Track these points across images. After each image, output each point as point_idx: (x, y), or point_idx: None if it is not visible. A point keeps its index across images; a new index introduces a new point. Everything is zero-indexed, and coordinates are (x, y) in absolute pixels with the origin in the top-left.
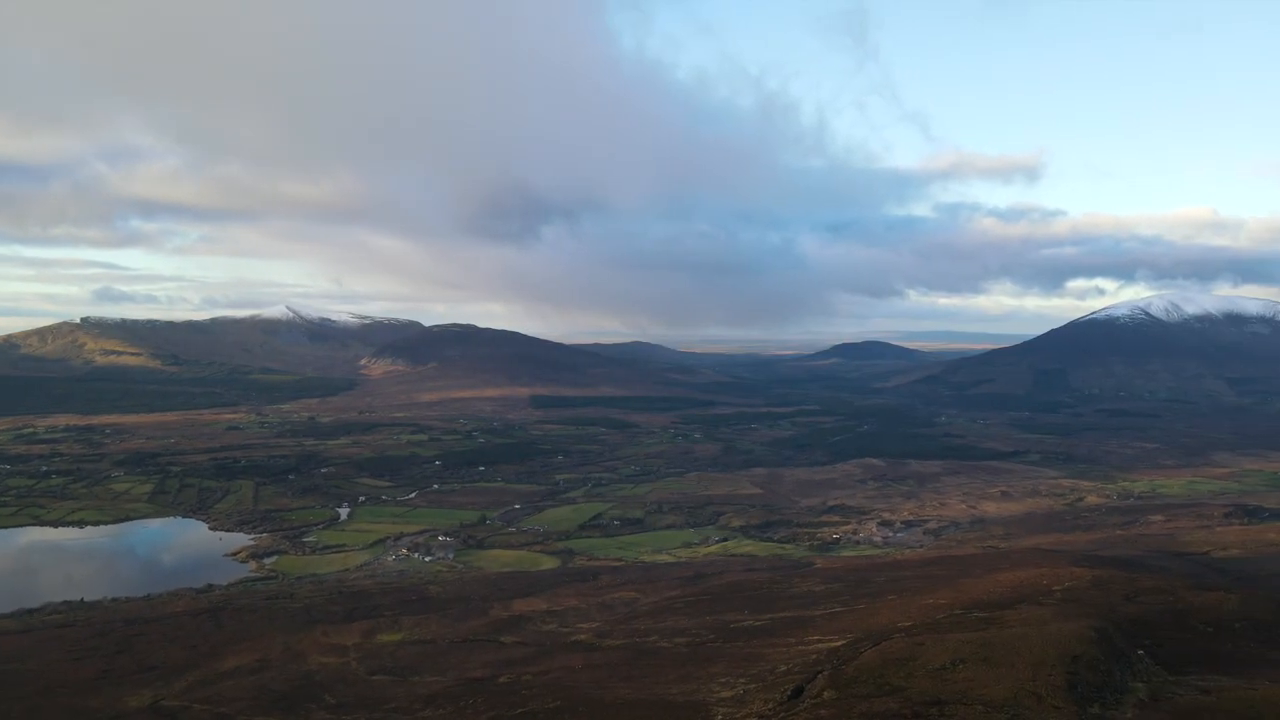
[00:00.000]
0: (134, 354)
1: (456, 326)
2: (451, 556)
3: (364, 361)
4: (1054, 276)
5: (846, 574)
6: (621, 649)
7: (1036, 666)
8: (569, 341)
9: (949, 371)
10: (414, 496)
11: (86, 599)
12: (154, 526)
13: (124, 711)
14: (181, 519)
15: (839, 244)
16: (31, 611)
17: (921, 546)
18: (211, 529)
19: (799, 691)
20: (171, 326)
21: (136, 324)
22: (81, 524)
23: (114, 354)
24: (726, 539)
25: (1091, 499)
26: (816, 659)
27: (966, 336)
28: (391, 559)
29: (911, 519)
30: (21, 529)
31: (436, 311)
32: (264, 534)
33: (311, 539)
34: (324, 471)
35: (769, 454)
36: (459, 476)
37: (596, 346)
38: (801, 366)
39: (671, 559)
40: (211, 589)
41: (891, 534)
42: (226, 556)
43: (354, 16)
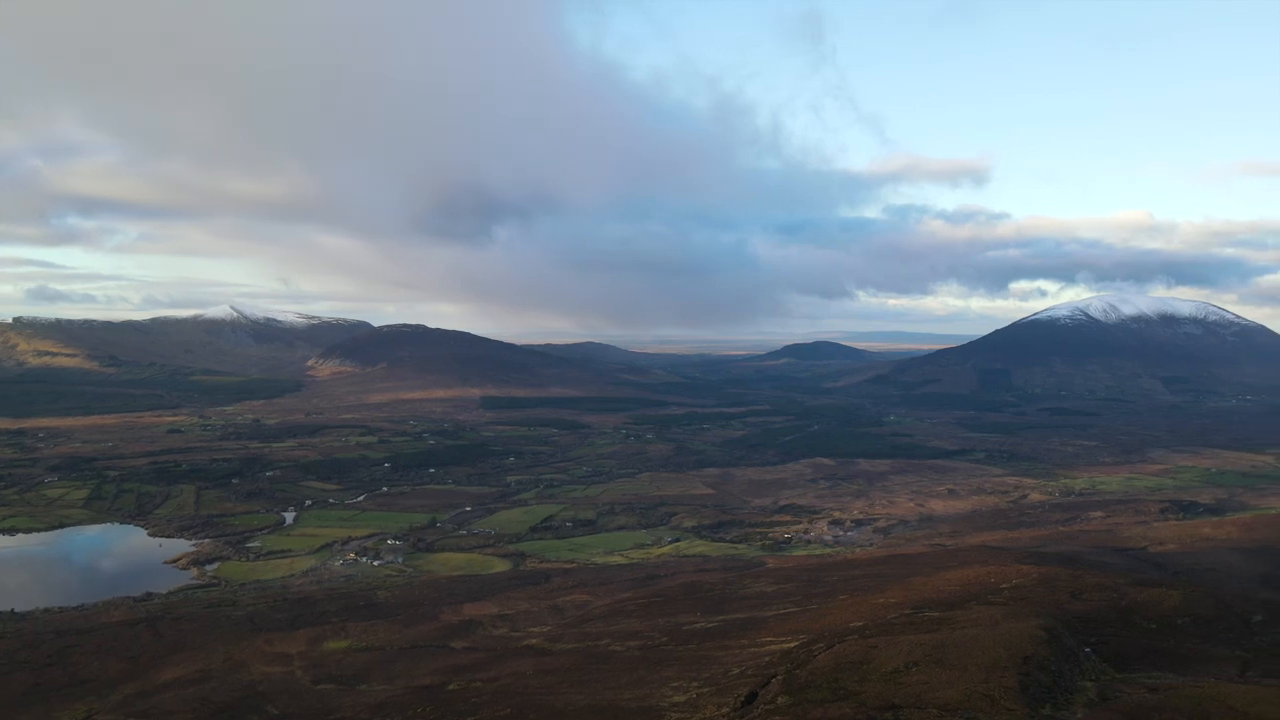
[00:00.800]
0: (69, 355)
1: (406, 327)
2: (401, 560)
3: (311, 362)
4: (998, 278)
5: (798, 574)
6: (573, 653)
7: (989, 668)
8: (521, 342)
9: (897, 371)
10: (362, 500)
11: (17, 610)
12: (90, 533)
13: None
14: (119, 525)
15: (791, 245)
16: None
17: (871, 545)
18: (151, 535)
19: (753, 697)
20: (109, 327)
21: (72, 324)
22: (12, 532)
23: (48, 355)
24: (679, 539)
25: (1034, 496)
26: (769, 661)
27: (914, 337)
28: (339, 564)
29: (861, 518)
30: None
31: (386, 312)
32: (206, 540)
33: (256, 544)
34: (269, 475)
35: (721, 454)
36: (409, 479)
37: (549, 347)
38: (753, 367)
39: (624, 560)
40: (150, 597)
41: (842, 533)
42: (166, 564)
43: (305, 10)
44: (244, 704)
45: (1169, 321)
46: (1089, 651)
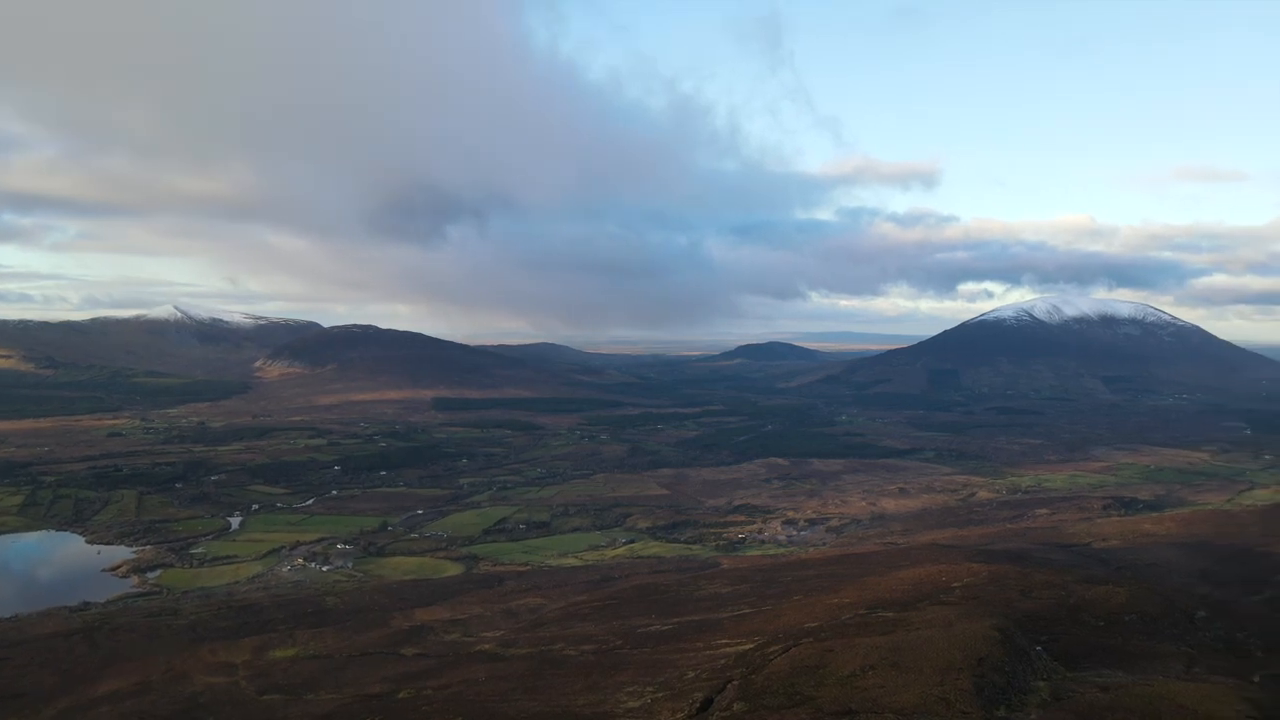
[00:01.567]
0: (4, 356)
1: (357, 327)
2: (350, 565)
3: (259, 364)
4: (947, 279)
5: (753, 574)
6: (526, 658)
7: (944, 670)
8: (475, 342)
9: (849, 371)
10: (311, 503)
11: None
12: (24, 541)
13: None
14: (55, 533)
15: (745, 246)
16: None
17: (825, 544)
18: (89, 542)
19: (708, 704)
20: (46, 327)
21: (7, 324)
22: None
23: None
24: (633, 541)
25: (983, 494)
26: (725, 664)
27: (865, 337)
28: (286, 569)
29: (815, 517)
30: None
31: (337, 312)
32: (147, 546)
33: (200, 550)
34: (214, 479)
35: (675, 454)
36: (359, 482)
37: (502, 348)
38: (707, 367)
39: (578, 562)
40: (87, 607)
41: (796, 532)
42: (105, 572)
43: (255, 3)
44: (185, 716)
45: (1109, 322)
46: (1040, 650)
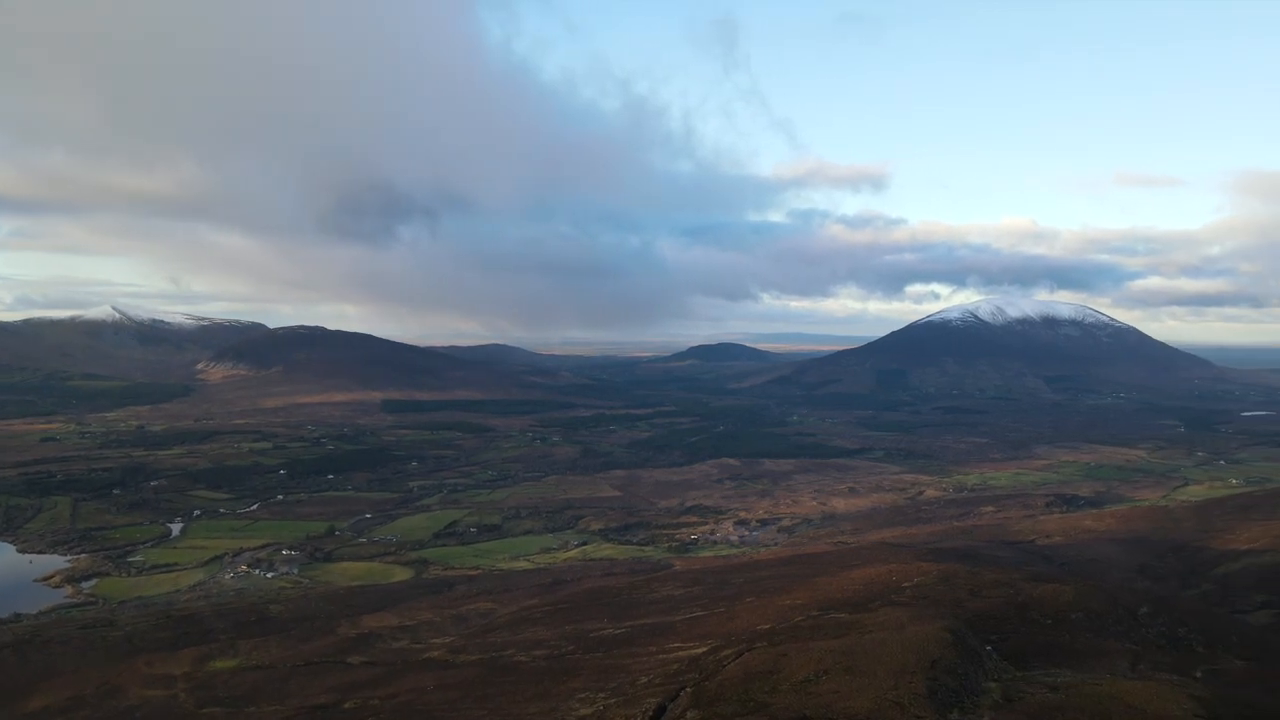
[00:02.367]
0: None
1: (304, 329)
2: (296, 571)
3: (201, 365)
4: (895, 281)
5: (705, 576)
6: (476, 665)
7: (898, 674)
8: (425, 344)
9: (799, 372)
10: (256, 509)
11: None
12: None
13: None
14: None
15: (698, 247)
16: None
17: (776, 544)
18: (20, 551)
19: (661, 711)
20: None
21: None
22: None
23: None
24: (586, 543)
25: (930, 493)
26: (678, 669)
27: (815, 338)
28: (229, 577)
29: (766, 517)
30: None
31: (283, 313)
32: (83, 555)
33: (138, 559)
34: (154, 484)
35: (628, 456)
36: (306, 486)
37: (453, 349)
38: (659, 368)
39: (530, 565)
40: (18, 619)
41: (748, 533)
42: (38, 582)
43: None
44: None
45: (1051, 323)
46: (991, 650)
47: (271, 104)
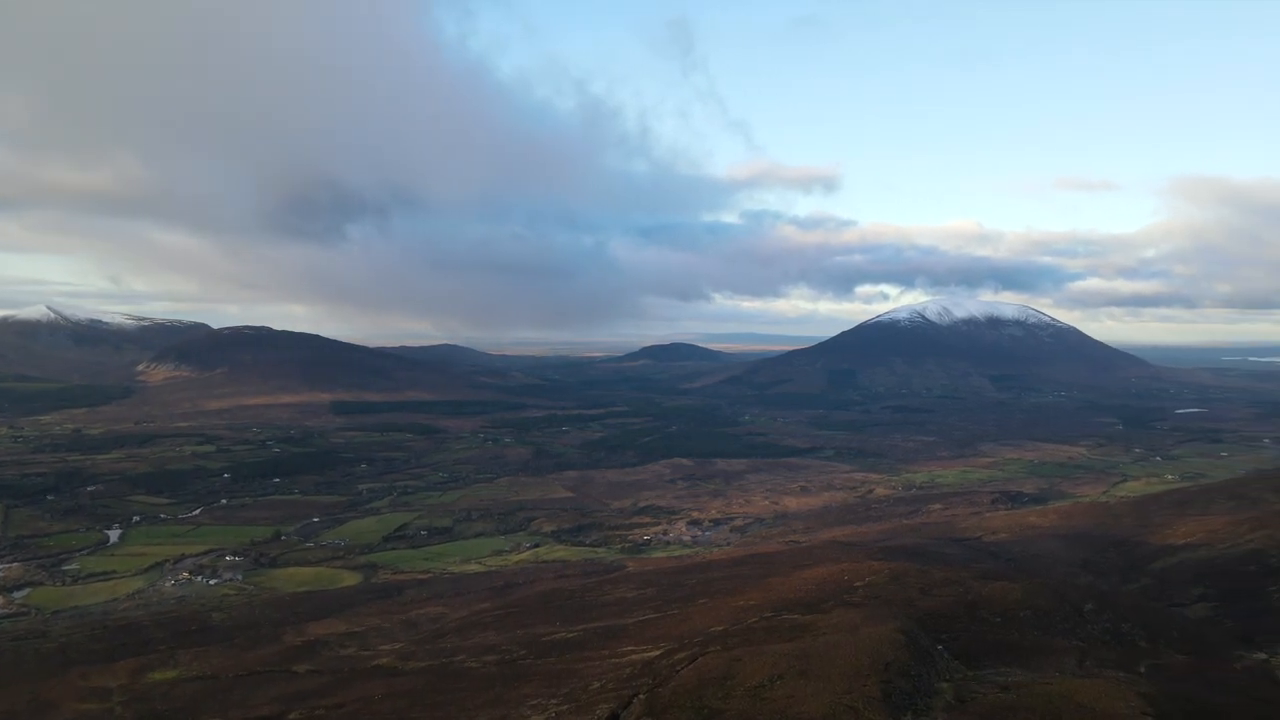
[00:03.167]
0: None
1: (250, 329)
2: (240, 578)
3: (141, 367)
4: (845, 282)
5: (658, 577)
6: (426, 672)
7: (852, 678)
8: (375, 344)
9: (751, 372)
10: (198, 514)
11: None
12: None
13: None
14: None
15: (651, 248)
16: None
17: (729, 544)
18: None
19: (614, 718)
20: None
21: None
22: None
23: None
24: (538, 545)
25: (880, 491)
26: (631, 674)
27: (767, 338)
28: (170, 584)
29: (719, 517)
30: None
31: (229, 313)
32: (14, 564)
33: (73, 567)
34: (90, 490)
35: (580, 456)
36: (251, 490)
37: (404, 349)
38: (612, 368)
39: (481, 568)
40: None
41: (700, 533)
42: None
43: None
44: None
45: (995, 324)
46: (942, 650)
47: (218, 100)
